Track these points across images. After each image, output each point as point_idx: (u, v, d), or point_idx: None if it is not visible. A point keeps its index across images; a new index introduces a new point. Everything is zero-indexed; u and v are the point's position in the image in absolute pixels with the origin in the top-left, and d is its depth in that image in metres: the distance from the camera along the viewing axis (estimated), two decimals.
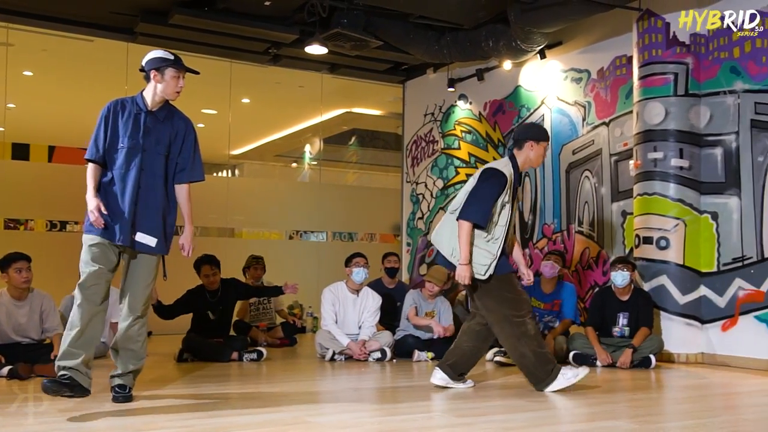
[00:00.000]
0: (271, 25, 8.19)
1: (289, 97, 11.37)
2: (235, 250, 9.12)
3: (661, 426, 3.70)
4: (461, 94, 9.43)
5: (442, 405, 4.22)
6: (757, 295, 6.05)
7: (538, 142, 4.70)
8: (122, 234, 3.87)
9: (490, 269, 4.48)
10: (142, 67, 4.01)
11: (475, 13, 7.66)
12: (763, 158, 6.08)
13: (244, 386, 4.89)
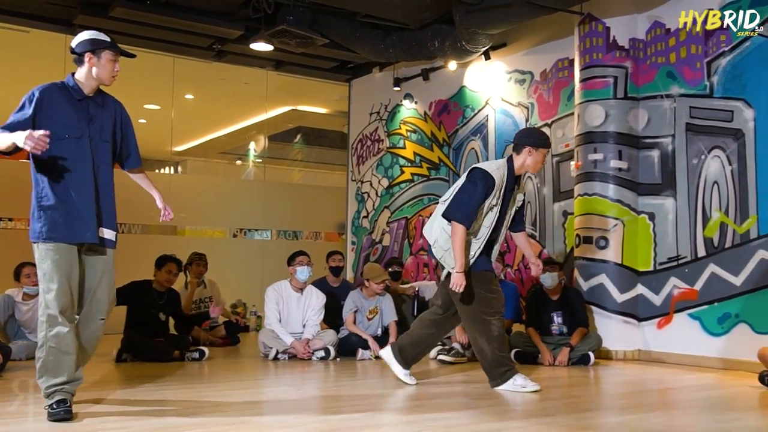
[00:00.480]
0: (215, 20, 8.10)
1: (234, 93, 11.27)
2: (177, 248, 8.96)
3: (599, 422, 3.78)
4: (407, 93, 9.47)
5: (386, 403, 4.24)
6: (690, 293, 6.23)
7: (537, 149, 4.68)
8: (89, 230, 3.60)
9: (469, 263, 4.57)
10: (72, 49, 3.72)
11: (420, 13, 7.70)
12: (697, 161, 6.26)
13: (185, 386, 4.82)
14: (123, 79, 3.96)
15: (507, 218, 4.81)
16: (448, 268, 4.62)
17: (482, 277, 4.66)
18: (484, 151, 8.35)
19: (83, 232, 3.60)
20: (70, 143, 3.62)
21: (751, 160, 5.88)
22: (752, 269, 5.81)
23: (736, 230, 5.95)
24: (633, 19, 6.68)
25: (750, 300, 5.82)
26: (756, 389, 4.83)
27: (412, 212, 9.33)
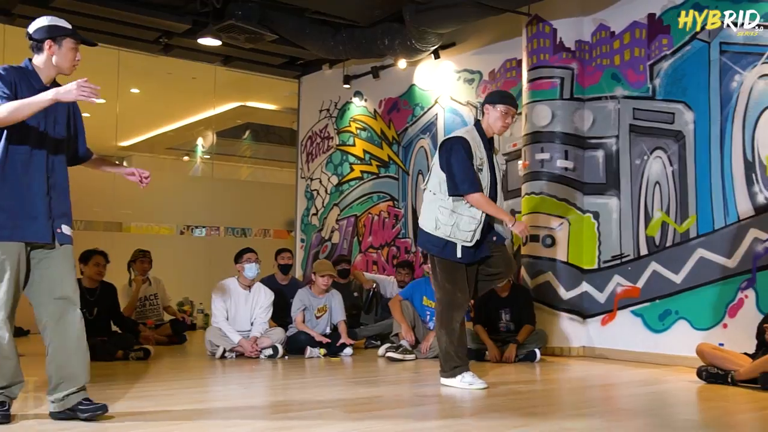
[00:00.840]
0: (162, 13, 7.97)
1: (181, 88, 11.12)
2: (122, 244, 8.85)
3: (543, 418, 3.84)
4: (356, 91, 9.47)
5: (334, 402, 4.24)
6: (633, 290, 6.37)
7: (494, 105, 4.64)
8: (43, 229, 3.38)
9: (477, 234, 4.53)
10: (30, 35, 3.47)
11: (371, 11, 7.71)
12: (640, 161, 6.40)
13: (129, 386, 4.75)
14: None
15: (498, 184, 4.75)
16: (459, 242, 4.54)
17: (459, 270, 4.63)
18: (434, 149, 8.40)
19: (35, 230, 3.37)
20: (27, 135, 3.38)
21: (690, 162, 6.04)
22: (691, 267, 5.97)
23: (676, 229, 6.11)
24: (579, 21, 6.79)
25: (689, 297, 5.97)
26: (694, 384, 4.97)
27: (361, 210, 9.33)
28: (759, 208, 5.59)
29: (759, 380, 4.72)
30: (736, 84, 5.76)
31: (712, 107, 5.90)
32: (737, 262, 5.68)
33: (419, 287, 6.78)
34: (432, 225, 4.62)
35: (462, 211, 4.53)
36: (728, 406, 4.24)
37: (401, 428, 3.40)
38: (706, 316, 5.84)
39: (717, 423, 3.76)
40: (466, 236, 4.52)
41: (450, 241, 4.55)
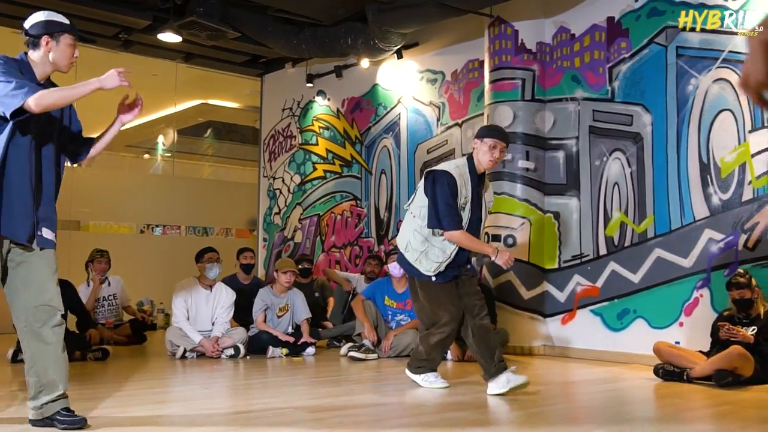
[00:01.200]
0: (122, 8, 7.88)
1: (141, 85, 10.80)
2: (81, 243, 8.74)
3: (503, 416, 3.89)
4: (319, 90, 9.46)
5: (295, 403, 4.24)
6: (592, 290, 6.46)
7: (482, 139, 4.55)
8: (24, 229, 3.25)
9: (441, 267, 4.45)
10: (26, 30, 3.37)
11: (334, 10, 7.71)
12: (599, 162, 6.50)
13: (87, 387, 4.69)
14: None
15: (482, 220, 4.69)
16: (422, 269, 4.50)
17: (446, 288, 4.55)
18: (396, 149, 8.43)
19: (14, 228, 3.23)
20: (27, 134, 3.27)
21: (648, 163, 6.14)
22: (649, 267, 6.07)
23: (634, 230, 6.21)
24: (540, 23, 6.86)
25: (647, 296, 6.07)
26: (651, 381, 5.06)
27: (324, 209, 9.33)
28: (714, 210, 5.71)
29: (713, 377, 4.83)
30: (692, 87, 5.87)
31: (669, 110, 6.01)
32: (693, 262, 5.80)
33: (381, 287, 6.80)
34: (403, 245, 4.61)
35: (434, 242, 4.47)
36: (683, 402, 4.33)
37: (363, 427, 3.42)
38: (663, 315, 5.94)
39: (672, 419, 3.84)
40: (431, 266, 4.47)
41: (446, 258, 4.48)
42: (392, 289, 6.70)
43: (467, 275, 4.66)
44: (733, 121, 5.64)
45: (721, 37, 5.72)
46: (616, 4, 6.42)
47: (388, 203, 8.49)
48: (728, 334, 4.97)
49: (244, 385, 5.13)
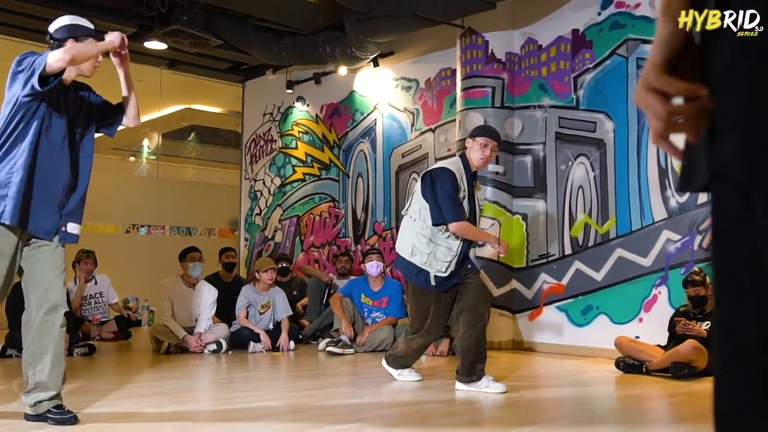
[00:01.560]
0: (108, 16, 7.81)
1: None
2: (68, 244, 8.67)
3: (473, 407, 3.94)
4: (299, 96, 9.47)
5: (274, 395, 4.27)
6: (558, 287, 6.55)
7: (474, 138, 4.47)
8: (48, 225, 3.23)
9: (452, 266, 4.30)
10: (51, 34, 3.29)
11: (313, 19, 7.72)
12: (565, 167, 6.58)
13: (74, 380, 4.68)
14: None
15: (478, 217, 4.56)
16: (433, 271, 4.32)
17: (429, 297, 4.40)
18: (373, 153, 8.48)
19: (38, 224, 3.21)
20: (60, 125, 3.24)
21: (611, 168, 6.24)
22: (611, 266, 6.17)
23: (597, 230, 6.30)
24: (509, 34, 6.93)
25: (609, 294, 6.16)
26: (612, 374, 5.15)
27: (303, 210, 9.35)
28: (671, 212, 5.81)
29: (670, 370, 4.93)
30: None
31: (630, 118, 6.11)
32: (652, 261, 5.90)
33: (357, 285, 6.84)
34: (408, 251, 4.44)
35: (439, 241, 4.32)
36: (642, 393, 4.41)
37: (340, 419, 3.46)
38: (624, 311, 6.04)
39: (632, 409, 3.92)
40: (441, 266, 4.30)
41: (423, 269, 4.34)
42: (368, 288, 6.74)
43: (471, 278, 4.45)
44: None
45: None
46: (580, 17, 6.51)
47: (364, 205, 8.53)
48: (684, 329, 5.08)
49: (226, 379, 5.14)
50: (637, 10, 6.12)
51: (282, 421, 3.40)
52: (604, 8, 6.36)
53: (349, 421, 3.40)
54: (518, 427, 3.29)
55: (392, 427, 3.30)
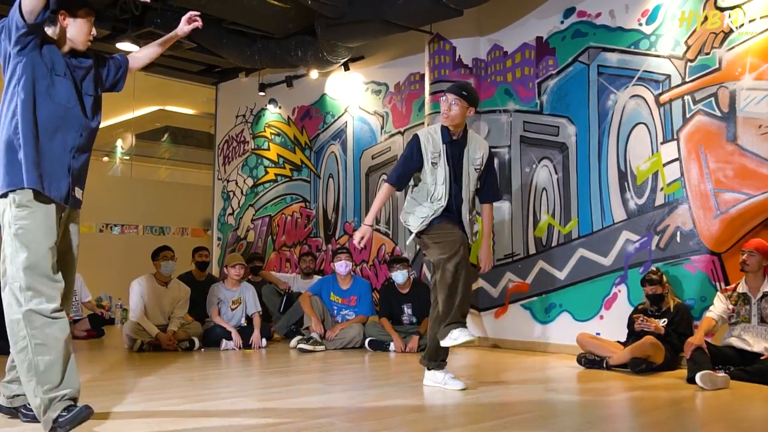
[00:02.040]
0: None
1: None
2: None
3: (438, 402, 3.92)
4: (271, 98, 9.39)
5: (246, 390, 4.21)
6: (523, 286, 6.56)
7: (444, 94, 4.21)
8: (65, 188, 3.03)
9: (425, 222, 4.16)
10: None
11: (285, 24, 7.66)
12: (529, 169, 6.60)
13: None
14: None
15: (465, 179, 4.26)
16: (409, 228, 4.28)
17: (438, 227, 4.19)
18: (343, 155, 8.42)
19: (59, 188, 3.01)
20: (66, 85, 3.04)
21: (573, 170, 6.27)
22: (573, 265, 6.20)
23: (560, 231, 6.32)
24: (476, 41, 6.94)
25: (571, 292, 6.20)
26: (574, 369, 5.17)
27: (275, 210, 9.26)
28: (630, 213, 5.86)
29: (629, 365, 4.96)
30: (612, 102, 6.02)
31: (591, 122, 6.15)
32: (612, 261, 5.94)
33: (326, 284, 6.79)
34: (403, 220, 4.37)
35: (424, 204, 4.21)
36: (603, 388, 4.42)
37: (311, 414, 3.42)
38: (585, 309, 6.07)
39: (593, 403, 3.92)
40: (419, 221, 4.19)
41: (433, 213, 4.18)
42: (337, 286, 6.70)
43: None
44: (647, 134, 5.80)
45: (636, 57, 5.88)
46: (544, 25, 6.54)
47: (335, 205, 8.48)
48: (642, 326, 5.11)
49: (199, 377, 5.05)
50: (598, 19, 6.16)
51: (254, 417, 3.34)
52: (566, 17, 6.38)
53: (319, 416, 3.35)
54: (483, 422, 3.27)
55: (362, 421, 3.26)
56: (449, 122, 4.16)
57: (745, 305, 4.85)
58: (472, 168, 4.28)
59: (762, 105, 5.16)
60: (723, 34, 5.39)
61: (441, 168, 4.19)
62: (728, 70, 5.35)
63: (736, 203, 5.27)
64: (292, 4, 7.01)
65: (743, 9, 5.31)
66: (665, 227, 5.63)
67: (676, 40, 5.66)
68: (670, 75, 5.67)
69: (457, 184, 4.24)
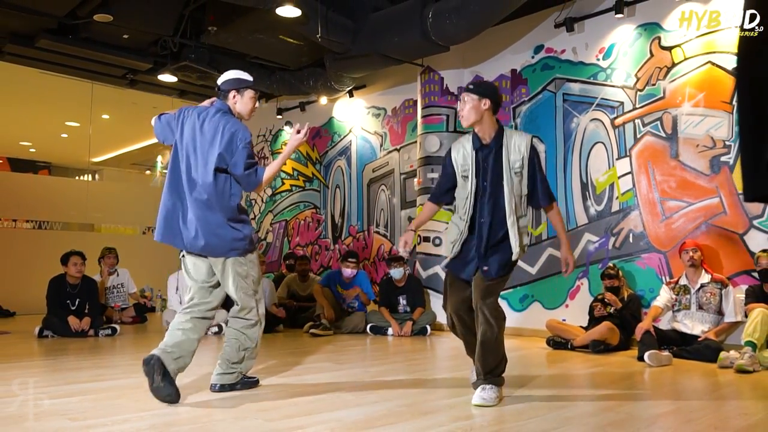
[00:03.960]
0: (128, 54, 7.75)
1: (144, 115, 10.73)
2: (94, 242, 8.53)
3: (429, 374, 3.95)
4: (287, 120, 9.43)
5: (267, 368, 4.24)
6: None
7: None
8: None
9: (455, 248, 3.25)
10: (218, 85, 3.34)
11: (299, 58, 7.72)
12: None
13: (98, 357, 4.61)
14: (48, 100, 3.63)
15: (508, 186, 3.15)
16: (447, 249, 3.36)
17: (448, 278, 3.38)
18: (348, 168, 8.46)
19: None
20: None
21: None
22: (543, 261, 6.23)
23: (532, 233, 6.35)
24: (460, 72, 6.98)
25: (541, 285, 6.23)
26: (544, 350, 5.20)
27: (290, 216, 9.30)
28: (591, 218, 5.89)
29: (590, 346, 5.00)
30: (575, 125, 6.06)
31: (558, 141, 6.19)
32: (575, 258, 5.97)
33: (333, 278, 6.83)
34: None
35: (454, 219, 3.36)
36: (569, 365, 4.46)
37: (321, 387, 3.45)
38: (553, 299, 6.10)
39: (560, 378, 3.95)
40: (449, 247, 3.34)
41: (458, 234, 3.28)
42: (342, 280, 6.74)
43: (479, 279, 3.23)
44: (605, 151, 5.84)
45: (595, 87, 5.93)
46: (517, 60, 6.58)
47: (341, 211, 8.51)
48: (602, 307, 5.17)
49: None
50: (563, 54, 6.20)
51: (275, 390, 3.37)
52: (536, 53, 6.43)
53: (329, 390, 3.38)
54: (466, 395, 3.30)
55: (365, 393, 3.29)
56: (465, 122, 3.20)
57: (686, 295, 4.89)
58: (512, 173, 3.17)
59: (699, 127, 5.21)
60: (666, 68, 5.45)
61: (468, 182, 3.24)
62: (671, 99, 5.40)
63: (679, 209, 5.31)
64: (304, 42, 7.06)
65: (682, 48, 5.37)
66: (620, 230, 5.67)
67: (628, 73, 5.70)
68: (623, 102, 5.72)
69: (481, 203, 3.21)
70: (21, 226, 8.73)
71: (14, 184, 8.90)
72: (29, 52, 7.49)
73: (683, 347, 4.67)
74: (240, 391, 3.33)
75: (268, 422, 2.65)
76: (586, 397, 3.39)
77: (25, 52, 7.55)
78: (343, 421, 2.67)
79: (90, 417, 2.71)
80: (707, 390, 3.59)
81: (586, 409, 3.02)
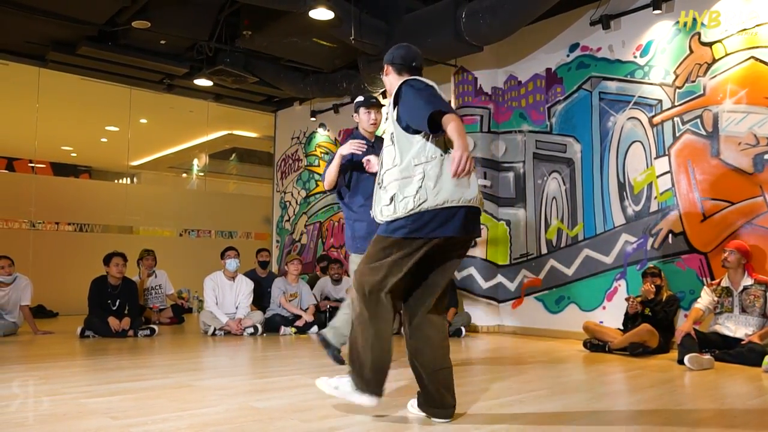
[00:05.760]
0: (165, 60, 7.92)
1: (181, 119, 10.99)
2: (133, 244, 8.72)
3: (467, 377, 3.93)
4: (321, 123, 9.51)
5: (302, 369, 4.28)
6: (536, 281, 6.54)
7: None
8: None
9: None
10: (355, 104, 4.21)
11: (332, 60, 7.77)
12: (541, 181, 6.59)
13: (137, 357, 4.72)
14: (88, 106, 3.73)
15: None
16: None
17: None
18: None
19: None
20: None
21: (579, 182, 6.24)
22: (579, 263, 6.17)
23: (568, 234, 6.29)
24: (494, 72, 6.95)
25: (578, 286, 6.16)
26: (581, 352, 5.14)
27: (324, 217, 9.36)
28: (629, 218, 5.81)
29: (628, 349, 4.92)
30: (611, 124, 5.98)
31: (594, 141, 6.11)
32: (613, 259, 5.89)
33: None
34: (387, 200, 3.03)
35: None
36: (606, 368, 4.40)
37: None
38: (590, 301, 6.03)
39: (598, 381, 3.91)
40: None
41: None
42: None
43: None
44: (643, 150, 5.75)
45: (632, 85, 5.84)
46: (552, 59, 6.52)
47: None
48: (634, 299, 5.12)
49: (261, 357, 5.15)
50: (599, 53, 6.13)
51: (308, 391, 3.41)
52: (571, 51, 6.36)
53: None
54: (502, 397, 3.29)
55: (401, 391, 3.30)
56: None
57: (728, 297, 4.78)
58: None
59: (741, 125, 5.09)
60: (707, 64, 5.34)
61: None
62: (711, 96, 5.29)
63: (720, 209, 5.20)
64: (338, 44, 7.11)
65: (723, 44, 5.25)
66: (659, 230, 5.58)
67: (666, 70, 5.60)
68: (662, 100, 5.62)
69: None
70: (63, 229, 8.97)
71: (57, 188, 9.16)
72: (71, 59, 7.72)
73: (725, 351, 4.57)
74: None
75: (304, 423, 2.68)
76: (624, 401, 3.35)
77: (66, 60, 7.78)
78: (378, 423, 2.68)
79: (130, 416, 2.78)
80: (751, 395, 3.50)
81: (624, 414, 2.98)
